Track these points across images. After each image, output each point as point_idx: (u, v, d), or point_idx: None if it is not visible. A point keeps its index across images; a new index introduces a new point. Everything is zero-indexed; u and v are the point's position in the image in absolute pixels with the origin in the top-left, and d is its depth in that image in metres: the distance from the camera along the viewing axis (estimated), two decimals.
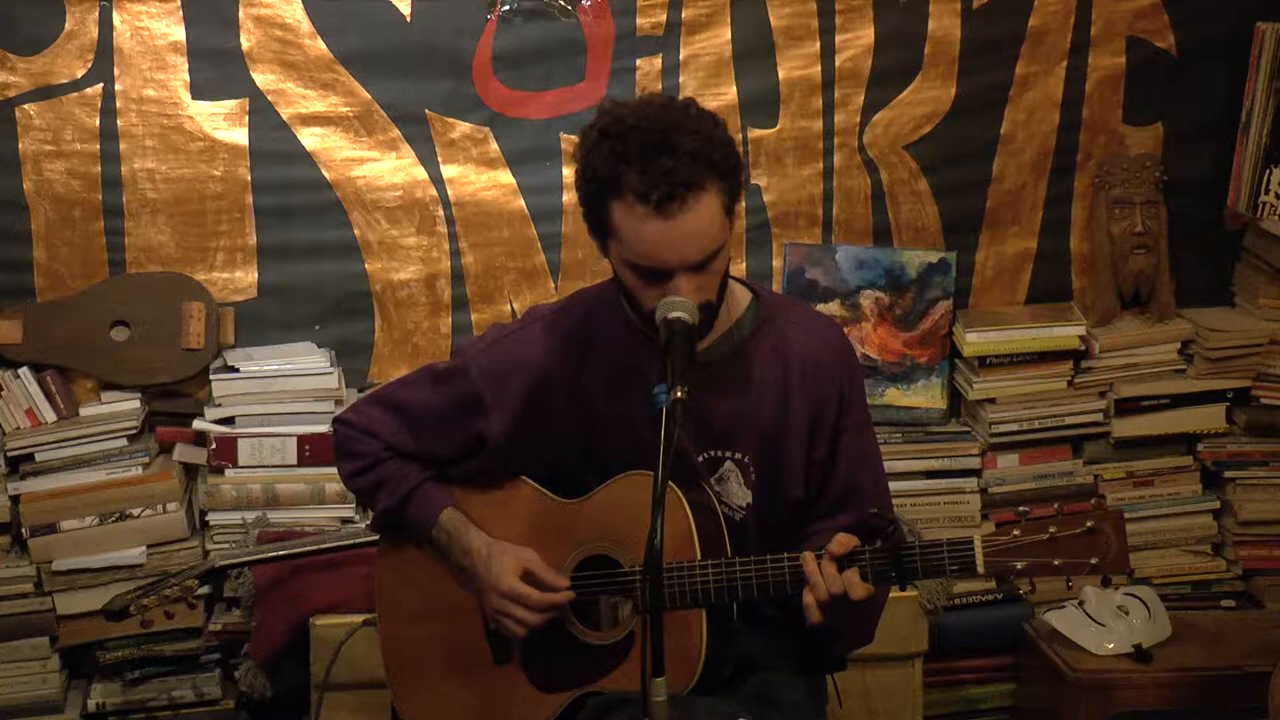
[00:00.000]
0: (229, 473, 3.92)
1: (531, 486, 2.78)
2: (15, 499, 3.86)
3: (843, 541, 2.53)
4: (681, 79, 4.05)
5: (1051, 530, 2.46)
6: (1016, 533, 2.47)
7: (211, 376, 3.95)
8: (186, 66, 3.95)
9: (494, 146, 4.06)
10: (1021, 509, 2.49)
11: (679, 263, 2.49)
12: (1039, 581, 2.51)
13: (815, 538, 2.68)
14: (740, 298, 2.72)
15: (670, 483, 2.48)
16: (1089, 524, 2.45)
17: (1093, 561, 2.45)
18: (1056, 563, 2.46)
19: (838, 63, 4.09)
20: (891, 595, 2.91)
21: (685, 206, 2.45)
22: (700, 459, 2.70)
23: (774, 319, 2.72)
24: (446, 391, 2.76)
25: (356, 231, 4.07)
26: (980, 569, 2.47)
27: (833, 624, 2.56)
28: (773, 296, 2.79)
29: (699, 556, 2.59)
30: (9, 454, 3.88)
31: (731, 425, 2.69)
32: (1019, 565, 2.46)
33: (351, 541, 3.69)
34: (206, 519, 3.95)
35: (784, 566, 2.56)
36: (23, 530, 3.86)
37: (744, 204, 4.03)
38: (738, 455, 2.70)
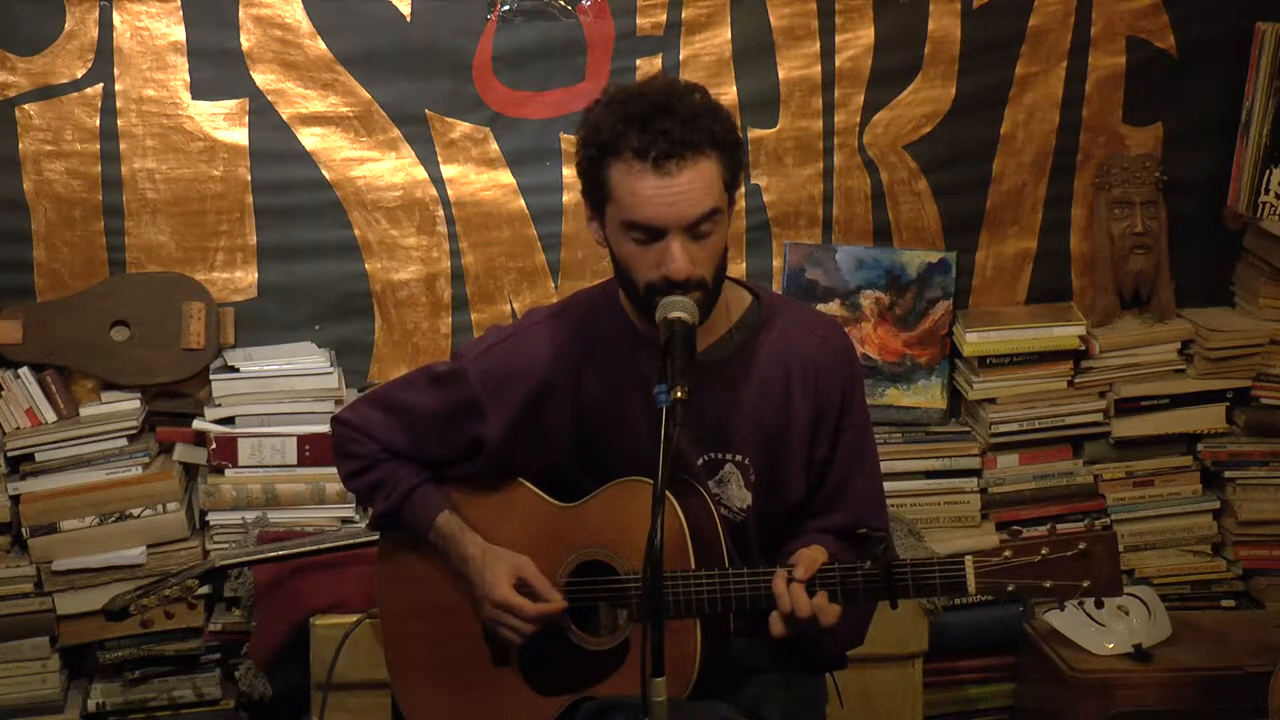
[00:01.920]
0: (229, 473, 3.93)
1: (529, 489, 2.77)
2: (15, 499, 3.86)
3: (808, 563, 2.52)
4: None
5: (1043, 552, 2.45)
6: (1008, 554, 2.46)
7: (211, 376, 3.95)
8: (186, 66, 3.95)
9: (494, 146, 4.06)
10: (1014, 528, 2.48)
11: (673, 220, 2.49)
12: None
13: (805, 539, 2.67)
14: (740, 299, 2.71)
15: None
16: (1081, 546, 2.44)
17: (1084, 584, 2.45)
18: (1048, 584, 2.45)
19: (838, 63, 4.09)
20: None
21: (682, 166, 2.48)
22: (700, 461, 2.69)
23: (774, 320, 2.71)
24: (444, 395, 2.75)
25: (356, 231, 4.06)
26: (971, 590, 2.47)
27: (805, 636, 2.54)
28: (773, 297, 2.79)
29: (693, 565, 2.59)
30: (9, 454, 3.88)
31: (732, 426, 2.68)
32: (1010, 587, 2.46)
33: (351, 541, 3.69)
34: (206, 519, 3.95)
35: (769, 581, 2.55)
36: (23, 530, 3.86)
37: (744, 204, 4.03)
38: (738, 457, 2.69)
